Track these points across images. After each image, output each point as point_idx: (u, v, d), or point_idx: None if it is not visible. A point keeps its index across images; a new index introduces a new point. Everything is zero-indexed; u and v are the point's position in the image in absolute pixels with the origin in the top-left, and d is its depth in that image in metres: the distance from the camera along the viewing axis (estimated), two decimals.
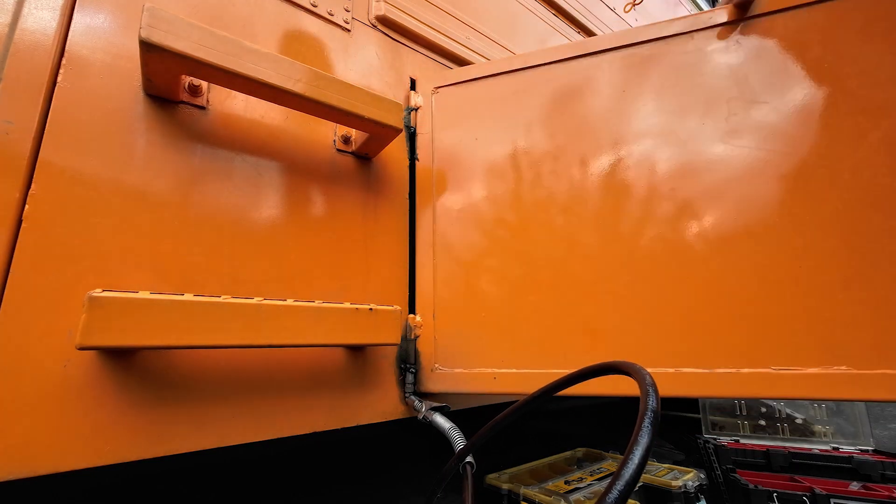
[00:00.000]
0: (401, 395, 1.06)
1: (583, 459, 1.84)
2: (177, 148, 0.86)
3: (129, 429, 0.72)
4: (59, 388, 0.68)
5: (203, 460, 0.89)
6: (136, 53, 0.83)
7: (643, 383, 0.45)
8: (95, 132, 0.78)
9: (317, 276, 0.99)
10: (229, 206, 0.90)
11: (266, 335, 0.75)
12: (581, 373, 0.59)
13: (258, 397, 0.85)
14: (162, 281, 0.79)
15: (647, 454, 0.38)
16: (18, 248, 0.68)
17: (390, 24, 1.32)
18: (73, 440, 0.67)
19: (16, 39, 0.74)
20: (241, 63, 0.80)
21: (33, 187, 0.71)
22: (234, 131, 0.94)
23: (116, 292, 0.65)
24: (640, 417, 0.41)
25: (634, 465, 0.36)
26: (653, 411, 0.41)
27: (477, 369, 1.02)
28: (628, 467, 0.36)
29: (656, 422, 0.40)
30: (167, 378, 0.77)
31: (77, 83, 0.78)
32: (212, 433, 0.79)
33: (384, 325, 0.91)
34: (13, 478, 0.63)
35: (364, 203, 1.11)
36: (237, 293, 0.86)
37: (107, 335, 0.63)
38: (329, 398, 0.94)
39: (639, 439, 0.38)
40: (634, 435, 0.39)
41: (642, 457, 0.37)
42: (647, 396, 0.42)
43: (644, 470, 0.38)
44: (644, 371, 0.47)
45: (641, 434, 0.38)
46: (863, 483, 1.71)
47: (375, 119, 0.98)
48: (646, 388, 0.44)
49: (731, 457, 1.84)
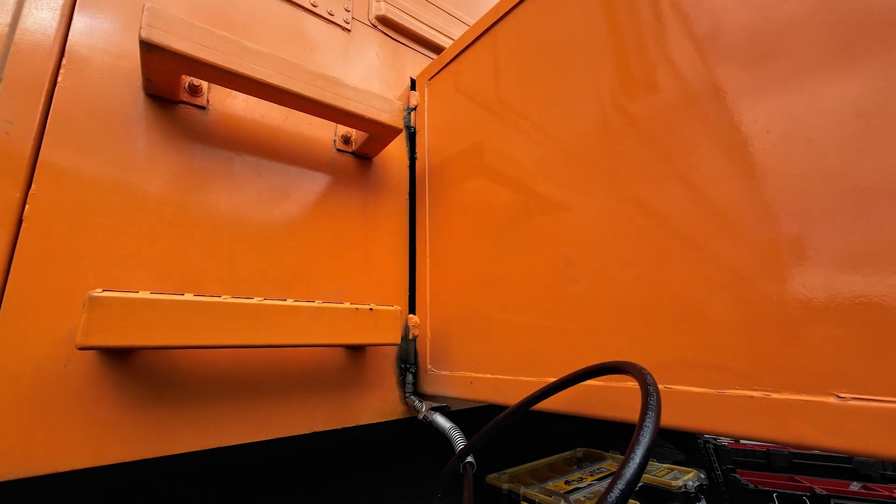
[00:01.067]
0: (401, 395, 1.06)
1: (583, 459, 1.84)
2: (177, 148, 0.86)
3: (128, 429, 0.72)
4: (59, 388, 0.68)
5: (203, 460, 0.89)
6: (136, 53, 0.83)
7: (644, 383, 0.45)
8: (95, 132, 0.78)
9: (317, 276, 0.99)
10: (229, 206, 0.90)
11: (266, 335, 0.75)
12: (582, 372, 0.59)
13: (258, 397, 0.85)
14: (162, 281, 0.79)
15: (649, 454, 0.38)
16: (18, 248, 0.68)
17: (390, 24, 1.32)
18: (73, 440, 0.67)
19: (16, 39, 0.74)
20: (241, 63, 0.80)
21: (33, 187, 0.71)
22: (234, 131, 0.94)
23: (116, 292, 0.65)
24: (641, 416, 0.40)
25: (636, 464, 0.36)
26: (654, 410, 0.41)
27: (459, 372, 0.96)
28: (629, 467, 0.36)
29: (657, 421, 0.40)
30: (167, 378, 0.77)
31: (77, 83, 0.78)
32: (211, 433, 0.79)
33: (384, 325, 0.91)
34: (13, 478, 0.63)
35: (364, 203, 1.11)
36: (237, 293, 0.86)
37: (107, 335, 0.63)
38: (329, 398, 0.94)
39: (640, 438, 0.38)
40: (636, 434, 0.39)
41: (643, 456, 0.37)
42: (648, 396, 0.42)
43: (645, 470, 0.38)
44: (645, 371, 0.47)
45: (643, 433, 0.38)
46: (863, 483, 1.72)
47: (375, 119, 0.98)
48: (646, 387, 0.44)
49: (732, 457, 1.84)
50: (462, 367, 0.96)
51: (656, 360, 0.60)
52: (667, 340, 0.60)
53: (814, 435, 0.45)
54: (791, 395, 0.48)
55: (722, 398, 0.53)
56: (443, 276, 1.07)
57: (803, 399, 0.46)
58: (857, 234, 0.45)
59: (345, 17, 1.22)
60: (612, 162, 0.71)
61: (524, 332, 0.83)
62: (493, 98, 0.99)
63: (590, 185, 0.74)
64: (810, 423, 0.46)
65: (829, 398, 0.45)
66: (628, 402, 0.61)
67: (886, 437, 0.41)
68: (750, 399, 0.51)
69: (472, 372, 0.93)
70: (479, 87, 1.04)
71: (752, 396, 0.51)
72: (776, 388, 0.49)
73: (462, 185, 1.05)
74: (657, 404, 0.43)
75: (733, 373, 0.53)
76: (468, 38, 1.09)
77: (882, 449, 0.41)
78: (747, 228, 0.54)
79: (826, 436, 0.44)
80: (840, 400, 0.44)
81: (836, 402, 0.44)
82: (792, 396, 0.47)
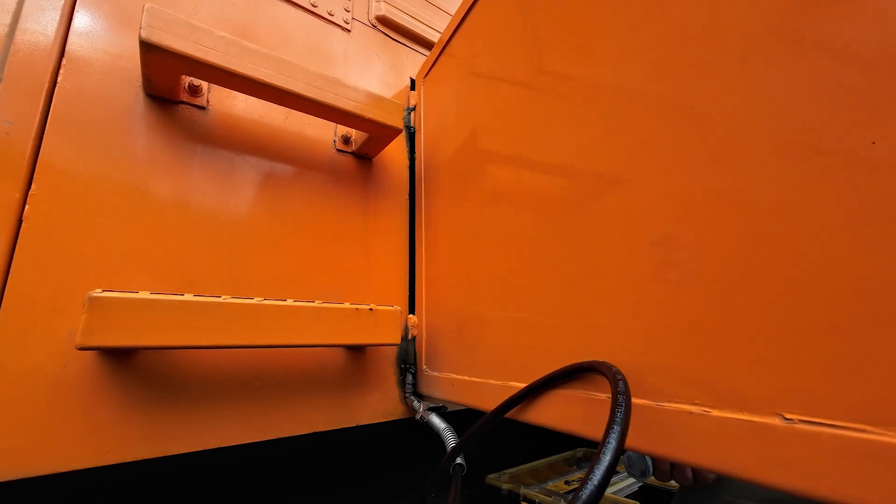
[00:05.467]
0: (401, 395, 1.06)
1: (583, 459, 1.84)
2: (177, 148, 0.86)
3: (128, 429, 0.72)
4: (59, 388, 0.68)
5: (203, 461, 0.89)
6: (136, 53, 0.83)
7: (615, 390, 0.43)
8: (95, 132, 0.78)
9: (317, 276, 0.99)
10: (229, 206, 0.90)
11: (266, 335, 0.75)
12: (560, 373, 0.58)
13: (258, 398, 0.85)
14: (162, 281, 0.79)
15: (611, 472, 0.36)
16: (18, 249, 0.68)
17: (390, 24, 1.32)
18: (73, 440, 0.67)
19: (16, 39, 0.74)
20: (241, 63, 0.80)
21: (33, 187, 0.71)
22: (234, 131, 0.94)
23: (116, 292, 0.65)
24: (605, 432, 0.39)
25: (593, 485, 0.35)
26: (620, 425, 0.39)
27: (444, 374, 0.95)
28: (587, 488, 0.34)
29: (622, 438, 0.38)
30: (167, 378, 0.77)
31: (77, 83, 0.78)
32: (211, 433, 0.79)
33: (384, 325, 0.91)
34: (13, 478, 0.63)
35: (364, 203, 1.11)
36: (237, 293, 0.86)
37: (107, 335, 0.63)
38: (329, 398, 0.94)
39: (601, 457, 0.36)
40: (598, 452, 0.37)
41: (603, 476, 0.35)
42: (616, 408, 0.41)
43: (605, 489, 0.37)
44: (619, 375, 0.45)
45: (604, 452, 0.37)
46: None
47: (375, 119, 0.98)
48: (616, 395, 0.42)
49: None
50: (447, 369, 0.95)
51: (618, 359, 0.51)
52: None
53: (756, 464, 0.36)
54: (731, 413, 0.39)
55: (662, 412, 0.44)
56: (436, 276, 1.06)
57: (744, 419, 0.38)
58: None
59: (345, 18, 1.22)
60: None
61: (507, 333, 0.77)
62: (505, 67, 0.85)
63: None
64: (752, 448, 0.37)
65: (775, 419, 0.36)
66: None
67: (841, 475, 0.31)
68: (689, 415, 0.41)
69: (454, 373, 0.91)
70: (481, 64, 0.94)
71: (691, 412, 0.41)
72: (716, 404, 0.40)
73: (459, 179, 1.01)
74: (624, 418, 0.40)
75: (673, 379, 0.44)
76: (458, 16, 1.02)
77: (833, 492, 0.32)
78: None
79: (770, 468, 0.35)
80: (786, 422, 0.35)
81: (782, 424, 0.35)
82: (732, 415, 0.39)
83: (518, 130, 0.81)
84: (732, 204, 0.43)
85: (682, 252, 0.47)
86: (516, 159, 0.81)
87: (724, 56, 0.46)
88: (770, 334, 0.38)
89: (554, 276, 0.69)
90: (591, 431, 0.54)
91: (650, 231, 0.52)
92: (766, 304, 0.39)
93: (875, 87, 0.35)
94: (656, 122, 0.53)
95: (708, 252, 0.45)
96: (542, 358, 0.67)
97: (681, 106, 0.50)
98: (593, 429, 0.53)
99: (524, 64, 0.80)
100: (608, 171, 0.60)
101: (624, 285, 0.54)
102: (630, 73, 0.57)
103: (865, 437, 0.31)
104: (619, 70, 0.59)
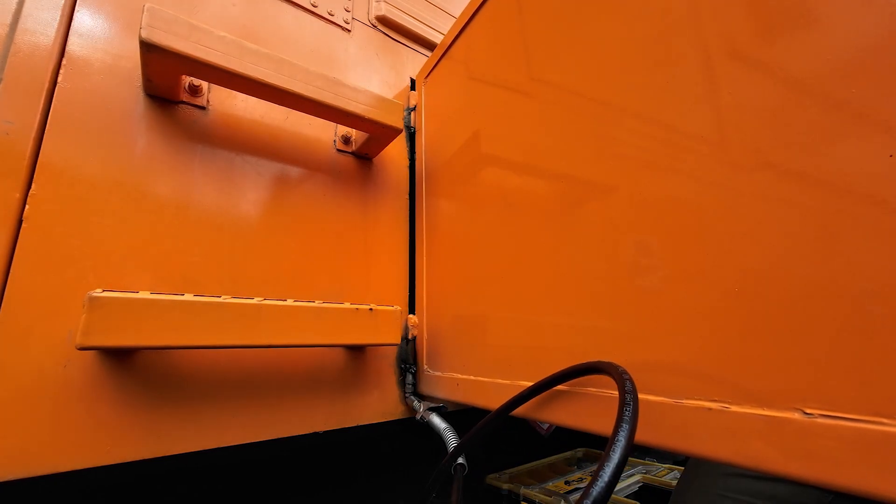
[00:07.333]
0: (401, 395, 1.06)
1: (583, 459, 1.84)
2: (177, 148, 0.86)
3: (129, 429, 0.72)
4: (60, 388, 0.68)
5: (203, 461, 0.89)
6: (136, 53, 0.83)
7: (622, 389, 0.43)
8: (95, 132, 0.78)
9: (317, 276, 0.99)
10: (229, 206, 0.90)
11: (266, 335, 0.75)
12: (565, 373, 0.58)
13: (258, 398, 0.85)
14: (162, 281, 0.79)
15: (621, 469, 0.36)
16: (18, 249, 0.68)
17: (390, 24, 1.32)
18: (73, 440, 0.67)
19: (16, 39, 0.74)
20: (241, 63, 0.80)
21: (33, 187, 0.71)
22: (234, 131, 0.94)
23: (116, 292, 0.65)
24: (614, 431, 0.39)
25: (604, 482, 0.35)
26: (629, 423, 0.39)
27: (447, 373, 0.95)
28: (597, 485, 0.34)
29: (631, 436, 0.38)
30: (167, 378, 0.77)
31: (77, 83, 0.78)
32: (211, 433, 0.79)
33: (384, 325, 0.91)
34: (13, 478, 0.63)
35: (364, 203, 1.11)
36: (237, 293, 0.86)
37: (107, 335, 0.63)
38: (329, 398, 0.94)
39: (610, 455, 0.36)
40: (606, 450, 0.37)
41: (613, 472, 0.35)
42: (624, 406, 0.41)
43: (623, 470, 0.37)
44: (626, 375, 0.46)
45: (613, 450, 0.37)
46: None
47: (375, 119, 0.97)
48: (624, 394, 0.42)
49: None
50: (450, 369, 0.95)
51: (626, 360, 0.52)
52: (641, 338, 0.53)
53: (776, 457, 0.38)
54: (751, 408, 0.41)
55: (680, 409, 0.46)
56: (437, 276, 1.06)
57: (764, 414, 0.40)
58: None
59: (345, 18, 1.22)
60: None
61: (513, 332, 0.78)
62: (504, 75, 0.87)
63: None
64: (772, 442, 0.38)
65: (794, 414, 0.38)
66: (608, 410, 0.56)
67: (860, 466, 0.33)
68: (708, 412, 0.44)
69: (458, 373, 0.91)
70: (481, 70, 0.96)
71: (710, 409, 0.44)
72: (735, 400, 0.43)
73: (459, 180, 1.01)
74: (633, 416, 0.40)
75: (691, 376, 0.46)
76: (461, 23, 1.03)
77: (854, 482, 0.34)
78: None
79: (790, 460, 0.37)
80: (806, 417, 0.37)
81: (802, 418, 0.37)
82: (751, 410, 0.41)
83: (516, 135, 0.83)
84: (746, 209, 0.45)
85: (699, 252, 0.49)
86: (516, 161, 0.83)
87: (691, 78, 0.51)
88: (789, 332, 0.40)
89: (555, 276, 0.70)
90: (600, 427, 0.56)
91: (659, 231, 0.53)
92: (786, 303, 0.40)
93: (819, 112, 0.39)
94: (635, 134, 0.58)
95: (727, 252, 0.46)
96: (551, 357, 0.68)
97: (655, 121, 0.55)
98: (602, 425, 0.55)
99: (522, 72, 0.83)
100: (596, 178, 0.63)
101: (645, 286, 0.55)
102: (612, 88, 0.63)
103: (884, 429, 0.33)
104: (604, 83, 0.64)
